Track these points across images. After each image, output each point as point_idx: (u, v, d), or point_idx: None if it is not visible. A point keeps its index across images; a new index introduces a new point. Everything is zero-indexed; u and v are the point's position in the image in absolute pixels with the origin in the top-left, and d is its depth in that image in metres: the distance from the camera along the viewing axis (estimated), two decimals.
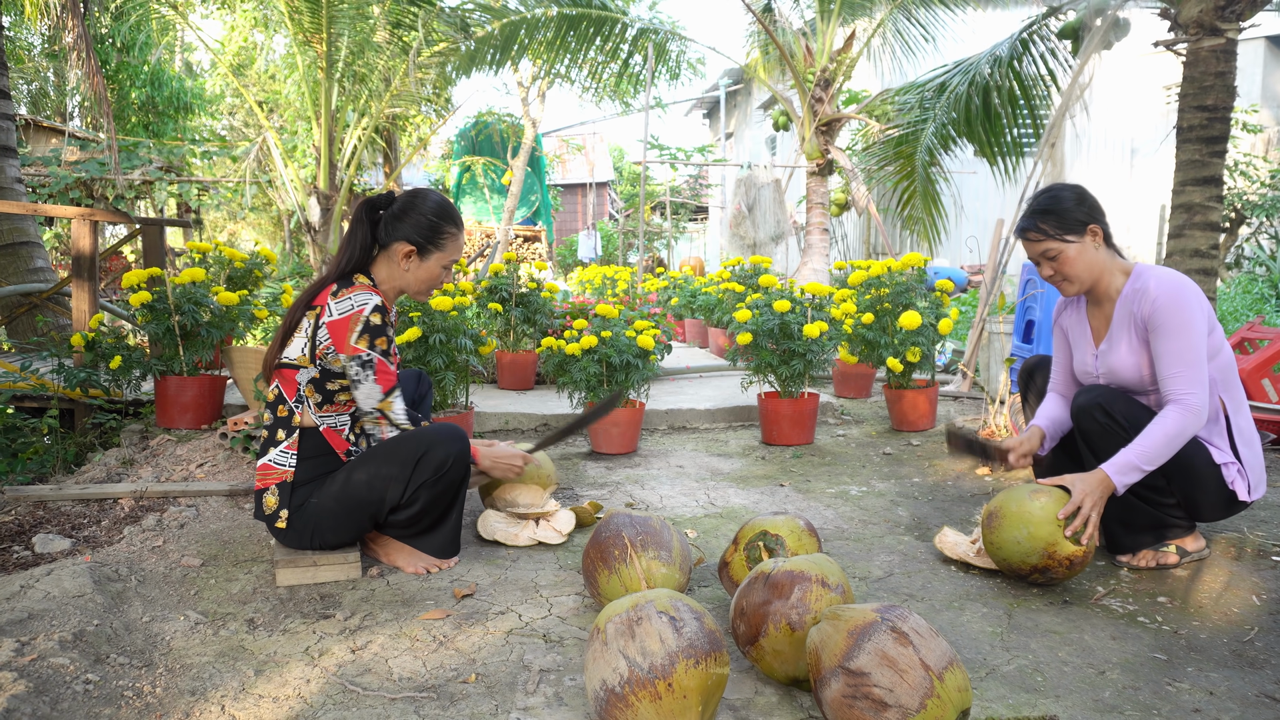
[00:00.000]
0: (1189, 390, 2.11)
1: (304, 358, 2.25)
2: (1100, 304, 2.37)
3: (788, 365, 3.79)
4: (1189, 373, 2.12)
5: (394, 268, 2.34)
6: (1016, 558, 2.12)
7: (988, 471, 3.34)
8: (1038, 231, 2.29)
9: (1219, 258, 4.48)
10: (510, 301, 4.94)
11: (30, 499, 2.94)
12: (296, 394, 2.26)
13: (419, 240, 2.31)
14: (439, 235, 2.33)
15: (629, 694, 1.43)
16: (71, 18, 5.73)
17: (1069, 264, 2.28)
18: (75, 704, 1.63)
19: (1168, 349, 2.15)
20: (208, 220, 14.20)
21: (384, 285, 2.36)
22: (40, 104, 16.78)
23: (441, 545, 2.36)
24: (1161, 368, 2.16)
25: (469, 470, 2.36)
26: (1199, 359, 2.13)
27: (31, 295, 5.87)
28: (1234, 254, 9.95)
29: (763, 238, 9.89)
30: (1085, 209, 2.27)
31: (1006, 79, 5.54)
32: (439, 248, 2.34)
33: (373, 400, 2.25)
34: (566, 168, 24.05)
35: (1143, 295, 2.21)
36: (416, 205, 2.33)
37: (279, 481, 2.25)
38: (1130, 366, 2.26)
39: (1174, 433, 2.09)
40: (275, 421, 2.28)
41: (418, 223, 2.31)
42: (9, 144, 6.32)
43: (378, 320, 2.23)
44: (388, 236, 2.33)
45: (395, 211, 2.33)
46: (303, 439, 2.27)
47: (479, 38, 7.55)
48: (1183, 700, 1.66)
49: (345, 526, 2.27)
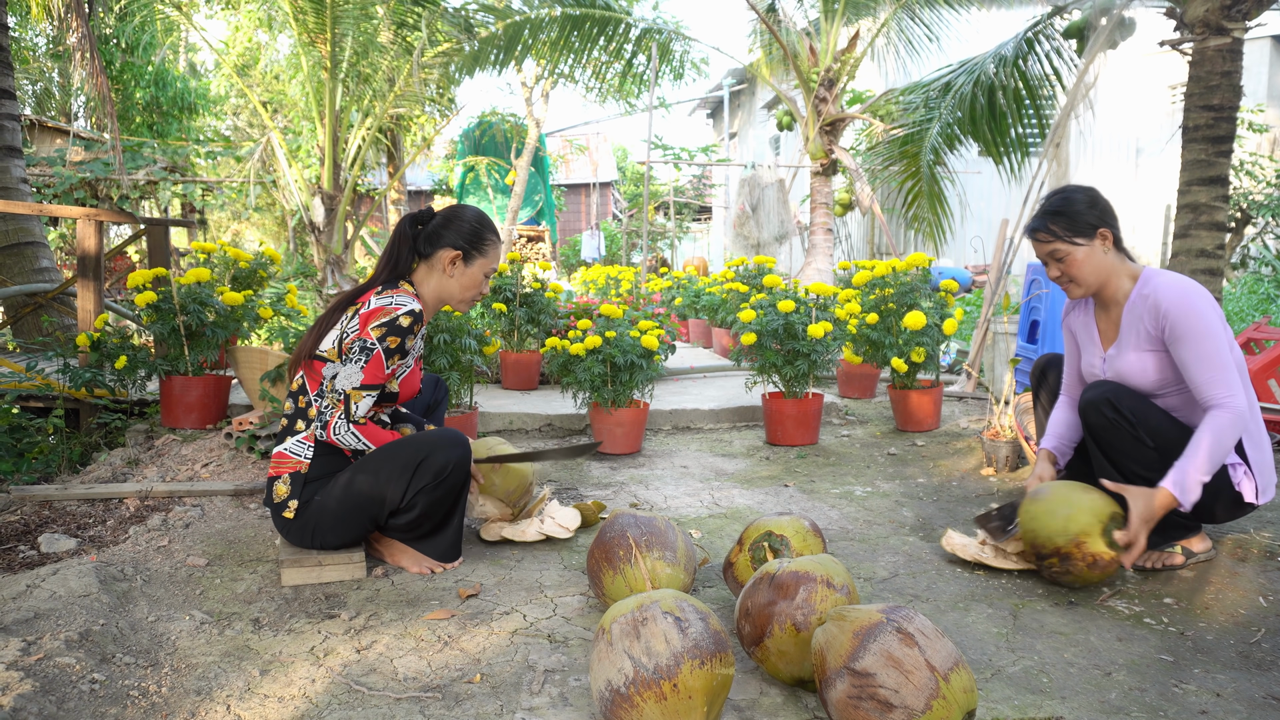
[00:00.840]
0: (1229, 393, 2.08)
1: (333, 350, 2.27)
2: (1108, 308, 2.37)
3: (792, 365, 3.78)
4: (1222, 375, 2.09)
5: (437, 275, 2.39)
6: (1044, 534, 2.13)
7: (992, 472, 3.33)
8: (1047, 232, 2.29)
9: (1224, 258, 4.47)
10: (514, 301, 4.94)
11: (36, 498, 2.95)
12: (320, 388, 2.27)
13: (464, 245, 2.37)
14: (482, 241, 2.40)
15: (634, 694, 1.43)
16: (76, 18, 5.74)
17: (1076, 266, 2.28)
18: (81, 703, 1.64)
19: (1193, 356, 2.12)
20: (212, 220, 14.22)
21: (425, 295, 2.40)
22: (45, 104, 16.82)
23: (443, 550, 2.36)
24: (1193, 375, 2.12)
25: (469, 476, 2.35)
26: (1228, 361, 2.10)
27: (37, 295, 5.89)
28: (1239, 254, 9.93)
29: (767, 238, 9.87)
30: (1097, 212, 2.26)
31: (1011, 78, 5.53)
32: (482, 253, 2.40)
33: (348, 383, 2.20)
34: (570, 168, 24.05)
35: (1150, 304, 2.19)
36: (459, 215, 2.41)
37: (292, 471, 2.27)
38: (1138, 373, 2.25)
39: (1226, 434, 2.06)
40: (295, 411, 2.31)
41: (461, 230, 2.38)
42: (14, 144, 6.34)
43: (406, 323, 2.25)
44: (430, 247, 2.38)
45: (437, 224, 2.40)
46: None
47: (483, 38, 7.56)
48: (1189, 702, 1.66)
49: (346, 528, 2.28)
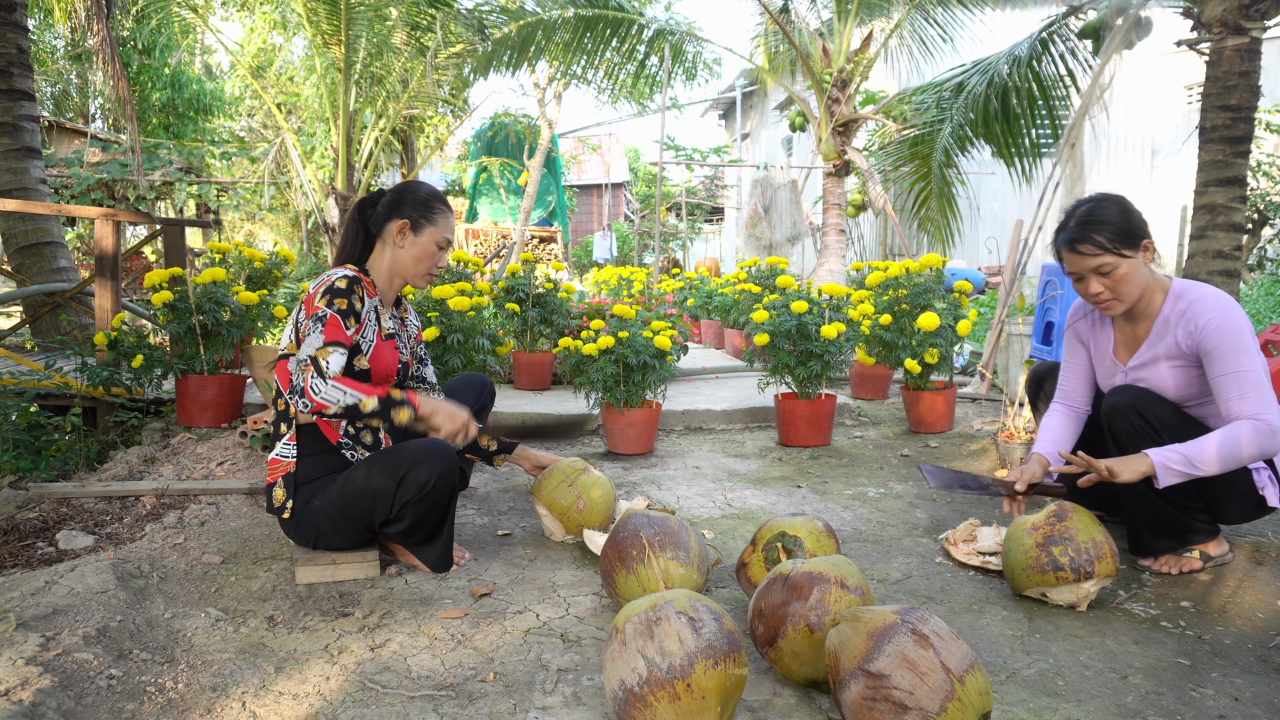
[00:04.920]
0: (1264, 410, 2.00)
1: (291, 344, 2.27)
2: (1134, 321, 2.26)
3: (805, 366, 3.77)
4: (1258, 394, 2.01)
5: (389, 250, 2.39)
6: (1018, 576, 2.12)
7: (1006, 473, 3.31)
8: (1092, 244, 2.10)
9: (1241, 259, 4.43)
10: (527, 302, 4.95)
11: (54, 496, 2.98)
12: (291, 384, 2.25)
13: (412, 214, 2.37)
14: (430, 211, 2.39)
15: (648, 694, 1.43)
16: (97, 21, 5.79)
17: (1124, 282, 2.11)
18: (99, 699, 1.65)
19: (1228, 372, 2.04)
20: (226, 221, 14.33)
21: (380, 275, 2.40)
22: (63, 106, 16.98)
23: (436, 559, 2.34)
24: (1224, 390, 2.04)
25: (455, 488, 2.29)
26: (1264, 380, 2.03)
27: (55, 295, 5.95)
28: (1257, 255, 9.84)
29: (779, 239, 9.86)
30: (1136, 221, 2.13)
31: (1025, 79, 5.51)
32: (431, 222, 2.39)
33: (310, 349, 2.16)
34: (582, 169, 24.09)
35: (1187, 319, 2.11)
36: (406, 188, 2.43)
37: (284, 474, 2.28)
38: (1169, 388, 2.19)
39: (1242, 447, 1.97)
40: (278, 416, 2.32)
41: (407, 199, 2.39)
42: (34, 145, 6.40)
43: (343, 285, 2.24)
44: (380, 225, 2.39)
45: (387, 201, 2.40)
46: (300, 435, 2.28)
47: (496, 39, 7.58)
48: (1207, 706, 1.64)
49: (345, 533, 2.28)
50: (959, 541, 2.51)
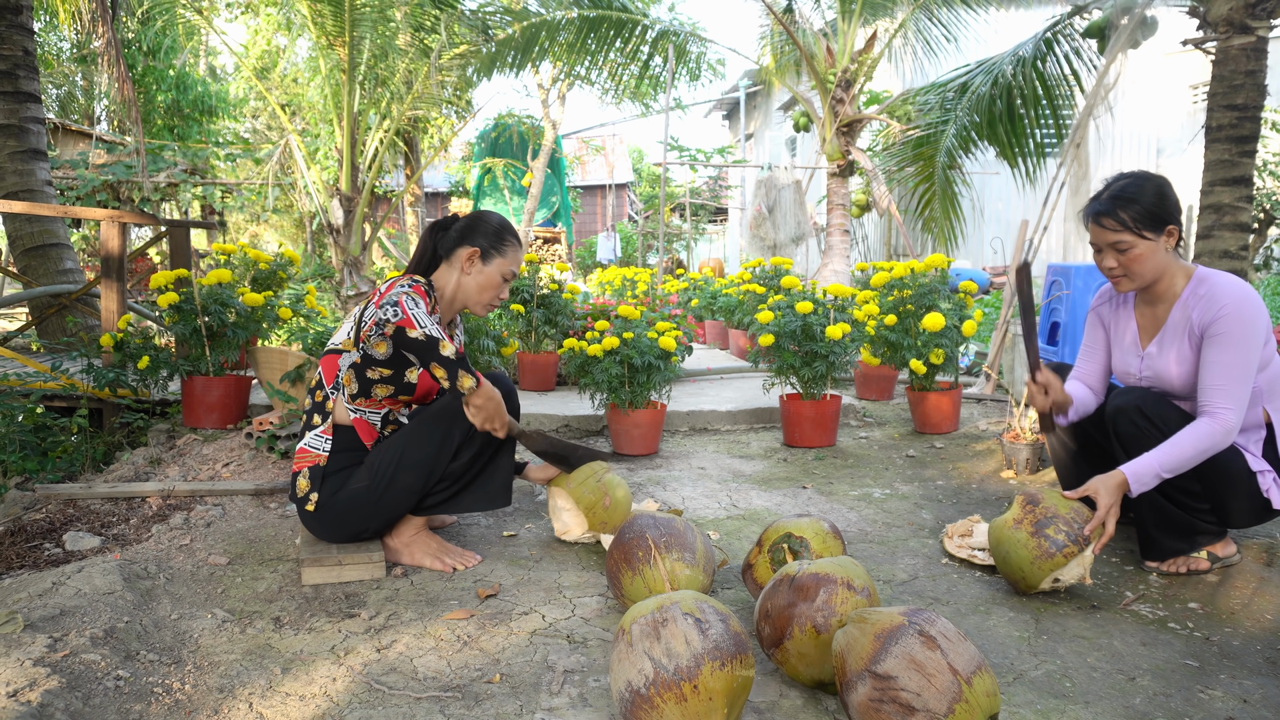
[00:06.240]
0: (1228, 406, 2.04)
1: (348, 341, 2.30)
2: (1154, 304, 2.27)
3: (810, 367, 3.77)
4: (1232, 388, 2.05)
5: (455, 274, 2.42)
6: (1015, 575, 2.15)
7: (1012, 474, 3.31)
8: (1115, 219, 2.12)
9: (1248, 259, 4.42)
10: (531, 303, 4.96)
11: (60, 497, 2.98)
12: (335, 380, 2.31)
13: (482, 244, 2.41)
14: (501, 242, 2.44)
15: (654, 695, 1.43)
16: (102, 23, 5.81)
17: (1138, 261, 2.14)
18: (107, 700, 1.65)
19: (1218, 360, 2.07)
20: (231, 222, 14.36)
21: (443, 295, 2.43)
22: (68, 108, 17.04)
23: (494, 492, 2.38)
24: (1206, 376, 2.08)
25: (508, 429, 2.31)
26: (1246, 377, 2.06)
27: (61, 296, 5.96)
28: (1263, 255, 9.80)
29: (783, 239, 9.84)
30: (1168, 206, 2.13)
31: (1030, 79, 5.50)
32: (500, 253, 2.43)
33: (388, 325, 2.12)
34: (586, 169, 24.09)
35: (1206, 301, 2.12)
36: (481, 218, 2.47)
37: (312, 465, 2.29)
38: (1178, 375, 2.19)
39: (1204, 447, 2.05)
40: (313, 406, 2.35)
41: (482, 230, 2.43)
42: (40, 147, 6.42)
43: (425, 289, 2.26)
44: (451, 248, 2.42)
45: (460, 227, 2.45)
46: (336, 431, 2.31)
47: (500, 40, 7.59)
48: (1216, 708, 1.64)
49: (388, 506, 2.26)
50: (955, 535, 2.55)
